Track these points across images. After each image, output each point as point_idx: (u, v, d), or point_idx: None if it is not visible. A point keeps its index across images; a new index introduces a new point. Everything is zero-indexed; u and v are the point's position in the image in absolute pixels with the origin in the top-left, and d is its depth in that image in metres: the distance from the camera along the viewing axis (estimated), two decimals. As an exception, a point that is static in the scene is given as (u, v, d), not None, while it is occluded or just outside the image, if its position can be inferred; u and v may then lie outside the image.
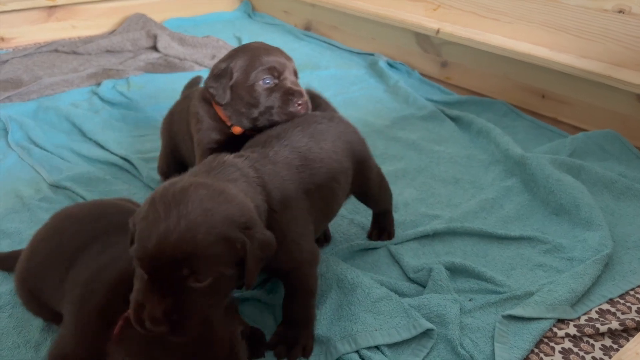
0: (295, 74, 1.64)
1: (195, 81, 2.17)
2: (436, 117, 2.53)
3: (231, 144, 1.54)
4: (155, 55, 3.29)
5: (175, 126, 1.86)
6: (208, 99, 1.62)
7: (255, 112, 1.55)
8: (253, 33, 3.71)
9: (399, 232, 1.77)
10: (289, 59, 1.62)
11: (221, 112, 1.60)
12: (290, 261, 1.29)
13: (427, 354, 1.35)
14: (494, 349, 1.36)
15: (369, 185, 1.63)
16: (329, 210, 1.49)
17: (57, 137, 2.33)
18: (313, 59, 3.28)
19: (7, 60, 3.18)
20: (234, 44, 3.48)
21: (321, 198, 1.40)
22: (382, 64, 3.08)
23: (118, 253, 1.18)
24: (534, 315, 1.44)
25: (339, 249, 1.68)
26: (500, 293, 1.54)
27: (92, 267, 1.19)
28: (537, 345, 1.39)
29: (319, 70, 3.11)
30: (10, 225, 1.77)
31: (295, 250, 1.29)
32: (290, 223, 1.29)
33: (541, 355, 1.37)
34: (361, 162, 1.57)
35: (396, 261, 1.66)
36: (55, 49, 3.37)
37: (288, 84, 1.56)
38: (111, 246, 1.22)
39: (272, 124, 1.53)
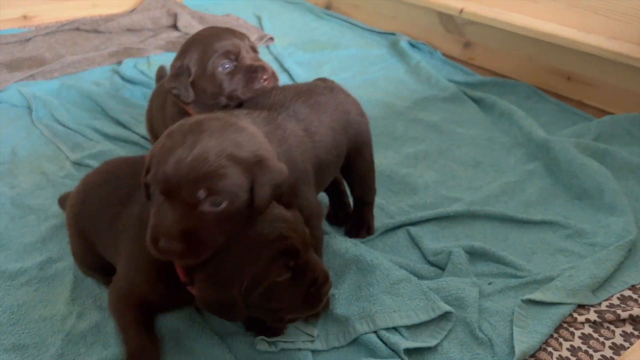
0: (254, 49, 1.61)
1: (162, 73, 2.20)
2: (458, 98, 2.49)
3: None
4: (175, 34, 3.29)
5: (155, 123, 1.88)
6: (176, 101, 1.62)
7: (223, 100, 1.54)
8: (273, 12, 3.69)
9: (418, 213, 1.76)
10: (242, 37, 1.59)
11: (191, 110, 1.59)
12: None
13: (445, 336, 1.35)
14: (512, 333, 1.35)
15: (359, 162, 1.60)
16: (322, 182, 1.52)
17: (79, 115, 2.36)
18: (333, 38, 3.25)
19: (30, 39, 3.21)
20: (254, 23, 3.46)
21: (319, 170, 1.43)
22: (403, 43, 3.04)
23: None
24: (554, 300, 1.43)
25: (358, 231, 1.68)
26: (520, 277, 1.53)
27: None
28: (556, 330, 1.39)
29: (339, 50, 3.08)
30: (35, 202, 1.80)
31: (305, 206, 1.32)
32: (298, 181, 1.32)
33: (560, 340, 1.37)
34: (357, 136, 1.57)
35: (415, 244, 1.66)
36: (77, 27, 3.38)
37: (248, 61, 1.54)
38: None
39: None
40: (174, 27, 3.36)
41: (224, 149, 1.08)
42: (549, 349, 1.35)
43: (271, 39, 3.22)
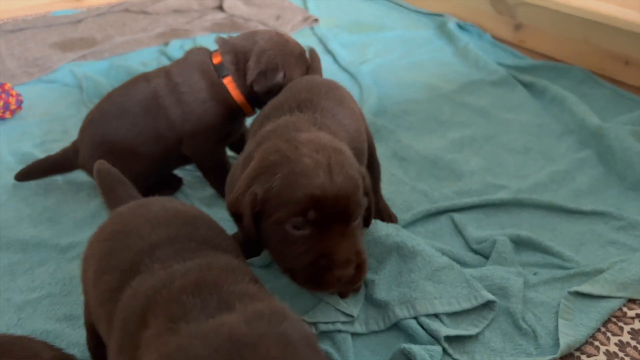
0: None
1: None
2: (507, 82, 2.41)
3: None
4: (221, 15, 3.31)
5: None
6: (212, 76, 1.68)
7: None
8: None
9: (463, 199, 1.73)
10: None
11: (235, 92, 1.67)
12: None
13: (487, 325, 1.33)
14: (557, 325, 1.32)
15: (370, 148, 1.60)
16: None
17: (128, 95, 2.41)
18: (379, 19, 3.19)
19: (81, 20, 3.29)
20: (299, 4, 3.44)
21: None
22: (451, 25, 2.96)
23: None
24: (603, 293, 1.38)
25: (401, 217, 1.66)
26: (567, 269, 1.49)
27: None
28: (604, 324, 1.34)
29: (384, 32, 3.03)
30: (86, 179, 1.85)
31: None
32: None
33: (608, 334, 1.32)
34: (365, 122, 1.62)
35: (459, 231, 1.63)
36: (126, 8, 3.45)
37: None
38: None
39: None
40: (220, 8, 3.38)
41: (355, 168, 1.16)
42: (596, 343, 1.30)
43: (316, 20, 3.19)
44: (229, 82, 1.65)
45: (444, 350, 1.26)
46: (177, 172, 1.88)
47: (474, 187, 1.80)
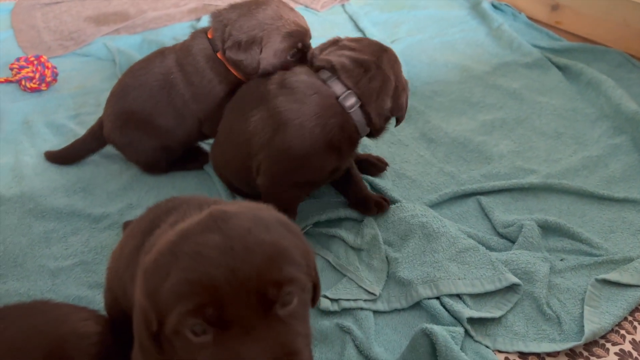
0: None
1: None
2: (542, 65, 2.35)
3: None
4: (252, -9, 3.30)
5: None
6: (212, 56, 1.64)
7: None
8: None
9: (491, 182, 1.71)
10: (303, 19, 1.63)
11: (231, 67, 1.63)
12: None
13: (511, 309, 1.33)
14: (582, 312, 1.31)
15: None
16: None
17: (159, 69, 2.44)
18: (411, -3, 3.13)
19: (115, -6, 3.32)
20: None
21: None
22: (485, 4, 2.88)
23: None
24: (632, 282, 1.37)
25: (427, 198, 1.66)
26: (595, 256, 1.47)
27: None
28: (631, 313, 1.33)
29: (416, 10, 2.96)
30: (118, 152, 1.91)
31: None
32: None
33: (635, 323, 1.31)
34: None
35: (485, 214, 1.62)
36: (158, -17, 3.47)
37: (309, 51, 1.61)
38: None
39: None
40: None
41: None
42: (622, 331, 1.29)
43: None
44: (222, 57, 1.62)
45: (466, 331, 1.26)
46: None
47: (502, 171, 1.77)
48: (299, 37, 1.58)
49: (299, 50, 1.59)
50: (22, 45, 2.70)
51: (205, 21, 2.85)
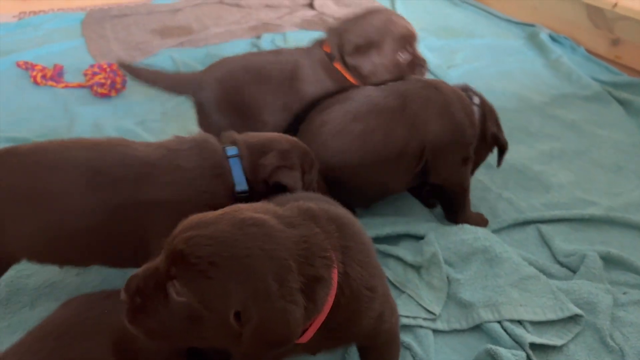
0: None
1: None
2: (601, 98, 2.35)
3: None
4: (310, 12, 3.39)
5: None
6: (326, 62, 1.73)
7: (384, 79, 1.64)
8: (407, -5, 3.67)
9: (551, 212, 1.70)
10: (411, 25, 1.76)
11: (348, 75, 1.72)
12: None
13: (572, 338, 1.32)
14: (647, 347, 1.29)
15: None
16: None
17: (222, 83, 2.53)
18: (468, 26, 3.17)
19: (179, 9, 3.47)
20: (388, 6, 3.47)
21: None
22: (543, 36, 2.90)
23: None
24: (698, 320, 1.34)
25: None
26: (659, 292, 1.45)
27: None
28: (697, 352, 1.30)
29: (473, 39, 3.00)
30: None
31: None
32: None
33: (701, 363, 1.28)
34: None
35: (545, 242, 1.61)
36: (220, 1, 3.60)
37: (417, 54, 1.74)
38: None
39: None
40: (310, 6, 3.46)
41: None
42: (688, 370, 1.27)
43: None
44: (339, 66, 1.72)
45: (528, 356, 1.26)
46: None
47: (562, 201, 1.77)
48: (409, 40, 1.72)
49: (410, 53, 1.71)
50: (92, 53, 2.84)
51: (266, 39, 2.96)
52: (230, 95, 1.73)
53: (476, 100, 1.62)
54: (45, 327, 1.03)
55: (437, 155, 1.54)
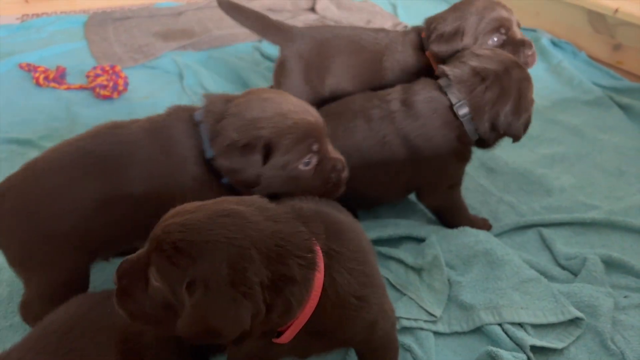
0: (518, 24, 1.71)
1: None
2: (603, 103, 2.35)
3: None
4: (312, 17, 3.40)
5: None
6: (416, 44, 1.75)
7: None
8: (409, 0, 3.68)
9: (552, 215, 1.71)
10: (510, 11, 1.68)
11: (433, 62, 1.71)
12: None
13: (574, 341, 1.32)
14: (648, 351, 1.29)
15: None
16: None
17: (224, 86, 2.54)
18: (469, 31, 3.17)
19: (182, 12, 3.48)
20: (390, 11, 3.49)
21: None
22: (545, 41, 2.90)
23: None
24: (700, 324, 1.34)
25: (488, 226, 1.67)
26: (660, 296, 1.44)
27: None
28: (699, 356, 1.30)
29: (474, 44, 3.01)
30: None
31: None
32: None
33: (703, 367, 1.28)
34: None
35: (547, 246, 1.61)
36: (223, 4, 3.62)
37: (518, 36, 1.66)
38: None
39: None
40: (312, 10, 3.47)
41: None
42: (689, 374, 1.26)
43: (405, 27, 3.22)
44: (429, 52, 1.73)
45: (528, 359, 1.26)
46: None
47: (564, 204, 1.77)
48: (502, 24, 1.65)
49: (504, 34, 1.66)
50: (95, 55, 2.85)
51: (268, 43, 2.96)
52: (317, 56, 1.80)
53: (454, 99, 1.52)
54: (49, 326, 1.03)
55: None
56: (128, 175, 1.22)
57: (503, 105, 1.47)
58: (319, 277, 0.91)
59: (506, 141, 2.09)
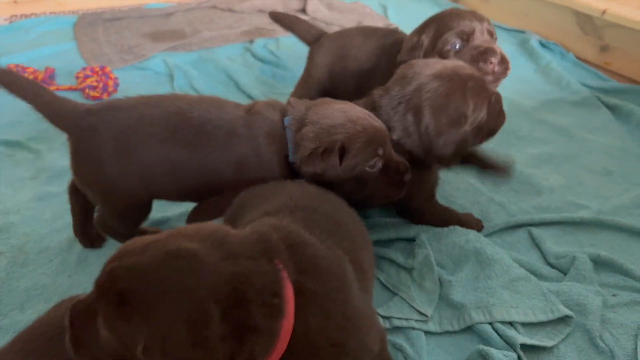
0: (490, 33, 1.67)
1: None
2: (590, 103, 2.38)
3: None
4: (304, 17, 3.40)
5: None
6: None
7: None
8: (399, 2, 3.70)
9: (542, 215, 1.72)
10: (480, 19, 1.65)
11: None
12: None
13: (563, 339, 1.33)
14: (636, 348, 1.30)
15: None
16: None
17: (214, 87, 2.54)
18: (459, 32, 3.19)
19: (172, 13, 3.48)
20: (380, 12, 3.50)
21: None
22: (534, 42, 2.93)
23: None
24: (687, 322, 1.35)
25: (478, 225, 1.67)
26: (648, 294, 1.46)
27: None
28: (686, 353, 1.31)
29: (464, 45, 3.03)
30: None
31: None
32: None
33: (690, 364, 1.29)
34: None
35: (536, 245, 1.63)
36: (213, 5, 3.62)
37: (477, 42, 1.61)
38: None
39: None
40: (303, 11, 3.48)
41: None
42: (677, 370, 1.28)
43: (395, 28, 3.23)
44: None
45: (519, 357, 1.27)
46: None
47: (553, 204, 1.79)
48: (466, 32, 1.67)
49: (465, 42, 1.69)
50: (85, 56, 2.84)
51: (259, 44, 2.97)
52: (339, 58, 1.93)
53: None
54: (38, 327, 1.02)
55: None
56: (214, 152, 1.35)
57: (417, 126, 1.43)
58: (287, 324, 0.82)
59: (494, 142, 2.12)
